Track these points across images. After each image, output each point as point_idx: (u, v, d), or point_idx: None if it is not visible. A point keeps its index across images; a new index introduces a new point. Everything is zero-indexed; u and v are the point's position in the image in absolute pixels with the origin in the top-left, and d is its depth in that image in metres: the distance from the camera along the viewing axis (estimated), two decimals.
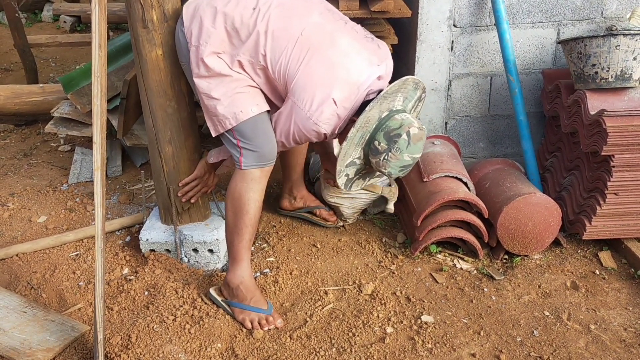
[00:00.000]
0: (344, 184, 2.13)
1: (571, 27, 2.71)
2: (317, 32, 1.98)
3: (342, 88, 1.94)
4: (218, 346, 2.00)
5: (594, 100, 2.35)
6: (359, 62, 1.98)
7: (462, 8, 2.64)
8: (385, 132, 1.98)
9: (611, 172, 2.31)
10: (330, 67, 1.94)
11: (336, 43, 1.97)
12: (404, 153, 1.99)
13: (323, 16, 2.03)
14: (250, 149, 2.03)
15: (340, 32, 2.01)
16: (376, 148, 2.00)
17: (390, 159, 2.00)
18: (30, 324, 2.05)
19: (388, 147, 1.98)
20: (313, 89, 1.93)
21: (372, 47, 2.05)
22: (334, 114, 1.95)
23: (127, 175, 3.13)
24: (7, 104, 3.57)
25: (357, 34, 2.06)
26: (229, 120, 2.01)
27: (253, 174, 2.06)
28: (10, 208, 2.81)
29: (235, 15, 1.96)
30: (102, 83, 1.85)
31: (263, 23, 1.95)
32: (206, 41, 1.96)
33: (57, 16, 6.05)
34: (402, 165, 2.03)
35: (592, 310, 2.19)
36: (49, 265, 2.40)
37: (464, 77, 2.78)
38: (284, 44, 1.95)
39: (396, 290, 2.29)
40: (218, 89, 1.99)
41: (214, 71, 1.98)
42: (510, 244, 2.42)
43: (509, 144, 2.92)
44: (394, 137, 1.97)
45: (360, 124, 1.96)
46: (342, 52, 1.97)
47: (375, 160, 2.03)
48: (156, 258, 2.36)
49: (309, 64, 1.94)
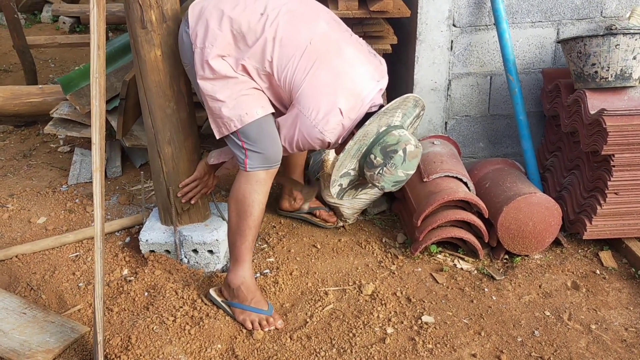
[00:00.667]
0: (336, 193, 2.15)
1: (571, 26, 2.71)
2: (324, 41, 1.98)
3: (348, 98, 1.95)
4: (218, 347, 2.00)
5: (594, 99, 2.35)
6: (364, 74, 2.00)
7: (461, 8, 2.63)
8: (382, 147, 2.00)
9: (611, 172, 2.31)
10: (336, 77, 1.95)
11: (342, 53, 1.98)
12: (399, 169, 2.02)
13: (330, 25, 2.04)
14: (255, 150, 2.02)
15: (346, 42, 2.02)
16: (372, 162, 2.02)
17: (385, 174, 2.02)
18: (30, 326, 2.05)
19: (384, 162, 2.00)
20: (319, 98, 1.94)
21: (375, 62, 2.08)
22: (339, 123, 1.96)
23: (126, 176, 3.12)
24: (6, 105, 3.57)
25: (361, 47, 2.07)
26: (234, 122, 2.00)
27: (258, 176, 2.05)
28: (10, 209, 2.80)
29: (242, 19, 1.95)
30: (100, 84, 1.85)
31: (272, 29, 1.94)
32: (212, 43, 1.95)
33: (57, 17, 6.05)
34: (395, 181, 2.05)
35: (593, 310, 2.19)
36: (48, 266, 2.40)
37: (464, 77, 2.78)
38: (292, 52, 1.94)
39: (396, 291, 2.28)
40: (223, 91, 1.98)
41: (219, 73, 1.97)
42: (510, 244, 2.41)
43: (509, 143, 2.92)
44: (390, 152, 1.99)
45: (358, 137, 1.97)
46: (348, 63, 1.98)
47: (369, 174, 2.05)
48: (156, 259, 2.36)
49: (315, 74, 1.94)
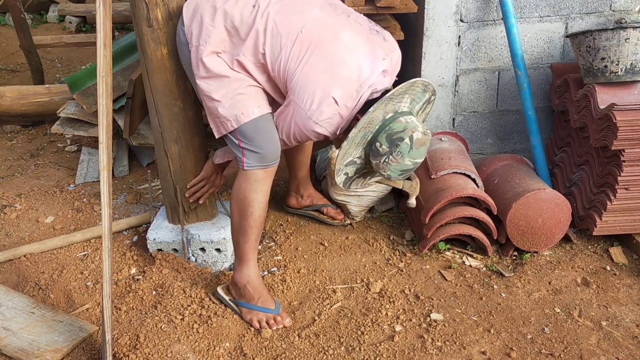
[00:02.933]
0: (342, 182, 2.07)
1: (579, 20, 2.68)
2: (317, 27, 1.92)
3: (344, 85, 1.89)
4: (226, 345, 2.00)
5: (604, 94, 2.33)
6: (362, 58, 1.92)
7: (468, 3, 2.61)
8: (388, 134, 1.92)
9: (622, 167, 2.28)
10: (331, 64, 1.89)
11: (337, 38, 1.92)
12: (406, 157, 1.93)
13: (324, 10, 1.97)
14: (252, 149, 2.00)
15: (342, 26, 1.95)
16: (377, 150, 1.94)
17: (391, 162, 1.94)
18: (38, 325, 2.05)
19: (389, 150, 1.92)
20: (313, 87, 1.88)
21: (378, 40, 1.99)
22: (335, 113, 1.90)
23: (133, 175, 3.13)
24: (13, 105, 3.58)
25: (360, 27, 1.99)
26: (231, 122, 1.98)
27: (256, 175, 2.03)
28: (18, 209, 2.81)
29: (235, 13, 1.92)
30: (107, 83, 1.85)
31: (262, 20, 1.90)
32: (206, 40, 1.92)
33: (63, 17, 6.07)
34: (402, 169, 1.96)
35: (603, 307, 2.17)
36: (56, 265, 2.40)
37: (472, 73, 2.75)
38: (283, 41, 1.90)
39: (405, 288, 2.27)
40: (218, 91, 1.96)
41: (212, 72, 1.94)
42: (519, 241, 2.40)
43: (518, 139, 2.90)
44: (396, 140, 1.91)
45: (362, 124, 1.90)
46: (344, 48, 1.91)
47: (375, 162, 1.97)
48: (164, 257, 2.36)
49: (309, 61, 1.89)
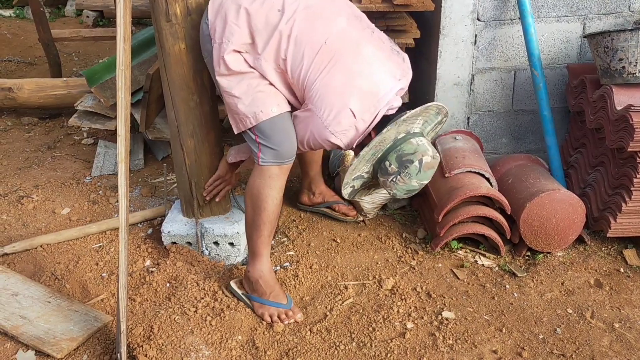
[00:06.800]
0: (348, 194, 2.14)
1: (597, 21, 2.66)
2: (341, 39, 1.93)
3: (362, 98, 1.91)
4: (239, 338, 2.01)
5: (621, 95, 2.31)
6: (382, 74, 1.94)
7: (486, 1, 2.60)
8: (398, 154, 1.96)
9: (637, 169, 2.26)
10: (351, 77, 1.91)
11: (360, 52, 1.93)
12: (413, 179, 1.97)
13: (350, 22, 1.98)
14: (268, 146, 2.01)
15: (366, 41, 1.97)
16: (386, 169, 1.98)
17: (398, 182, 1.98)
18: (54, 314, 2.08)
19: (398, 171, 1.96)
20: (332, 98, 1.90)
21: (397, 60, 2.02)
22: (352, 125, 1.92)
23: (149, 169, 3.16)
24: (31, 98, 3.63)
25: (383, 44, 2.01)
26: (250, 119, 1.99)
27: (271, 171, 2.05)
28: (35, 200, 2.85)
29: (259, 15, 1.92)
30: (126, 76, 1.86)
31: (287, 26, 1.91)
32: (229, 39, 1.93)
33: (80, 11, 6.14)
34: (408, 189, 2.01)
35: (616, 309, 2.16)
36: (72, 256, 2.43)
37: (487, 72, 2.75)
38: (306, 50, 1.90)
39: (416, 286, 2.27)
40: (239, 87, 1.98)
41: (233, 70, 1.96)
42: (533, 241, 2.39)
43: (533, 139, 2.88)
44: (405, 162, 1.95)
45: (375, 143, 1.94)
46: (366, 62, 1.93)
47: (382, 180, 2.02)
48: (177, 250, 2.38)
49: (330, 72, 1.90)
